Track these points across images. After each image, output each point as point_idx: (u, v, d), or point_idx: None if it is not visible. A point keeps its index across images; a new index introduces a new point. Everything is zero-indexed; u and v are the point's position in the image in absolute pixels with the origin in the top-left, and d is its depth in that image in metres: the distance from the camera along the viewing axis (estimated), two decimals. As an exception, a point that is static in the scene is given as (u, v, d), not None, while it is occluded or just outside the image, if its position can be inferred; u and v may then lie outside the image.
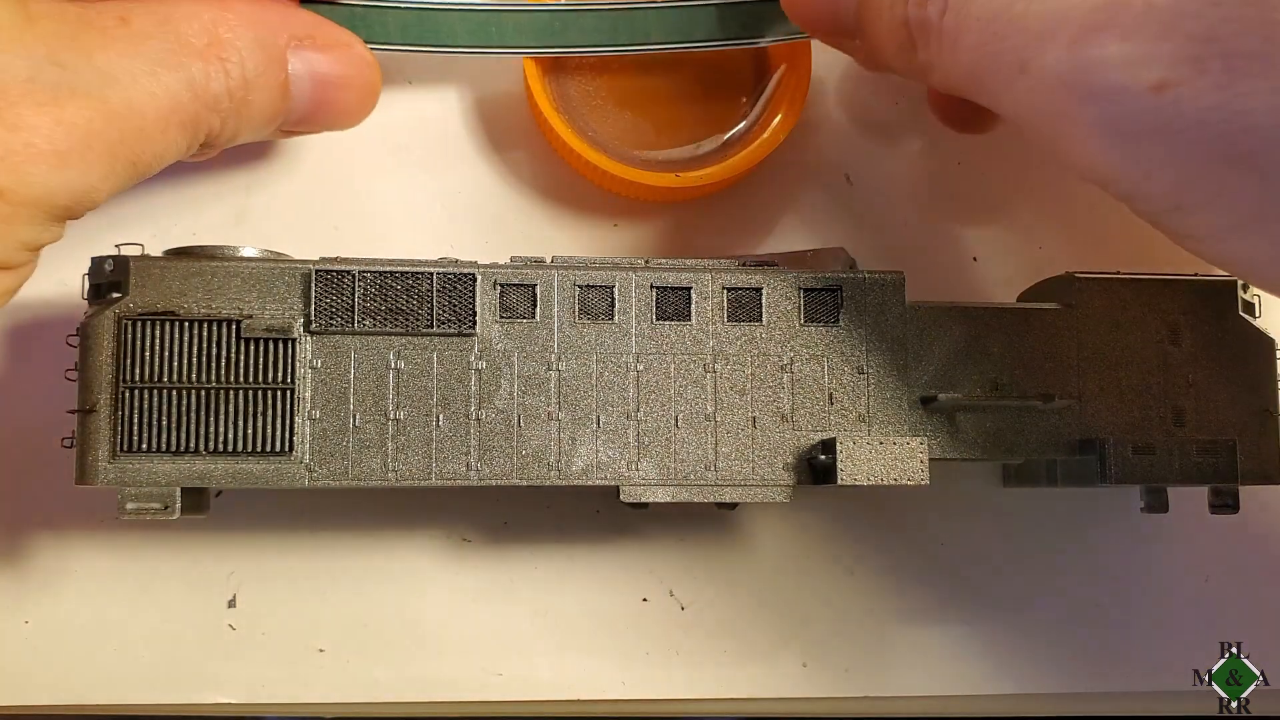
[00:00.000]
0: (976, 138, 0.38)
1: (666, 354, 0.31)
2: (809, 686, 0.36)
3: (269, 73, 0.28)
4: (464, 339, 0.30)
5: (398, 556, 0.35)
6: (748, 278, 0.31)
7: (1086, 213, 0.38)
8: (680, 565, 0.36)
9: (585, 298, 0.31)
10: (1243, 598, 0.37)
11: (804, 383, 0.31)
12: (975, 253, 0.38)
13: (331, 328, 0.30)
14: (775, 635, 0.36)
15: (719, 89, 0.36)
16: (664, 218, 0.37)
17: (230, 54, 0.27)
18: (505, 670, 0.35)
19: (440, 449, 0.30)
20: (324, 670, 0.35)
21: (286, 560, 0.35)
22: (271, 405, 0.29)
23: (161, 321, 0.29)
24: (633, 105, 0.36)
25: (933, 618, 0.36)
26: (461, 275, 0.30)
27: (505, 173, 0.37)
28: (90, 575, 0.34)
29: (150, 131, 0.26)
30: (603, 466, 0.30)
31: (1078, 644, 0.37)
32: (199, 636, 0.34)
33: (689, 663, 0.36)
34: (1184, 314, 0.33)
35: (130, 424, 0.29)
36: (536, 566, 0.35)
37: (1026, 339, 0.32)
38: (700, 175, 0.34)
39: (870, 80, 0.38)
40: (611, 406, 0.31)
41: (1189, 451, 0.31)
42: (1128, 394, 0.32)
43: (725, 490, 0.31)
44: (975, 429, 0.32)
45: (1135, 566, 0.37)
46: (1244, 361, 0.33)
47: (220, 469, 0.29)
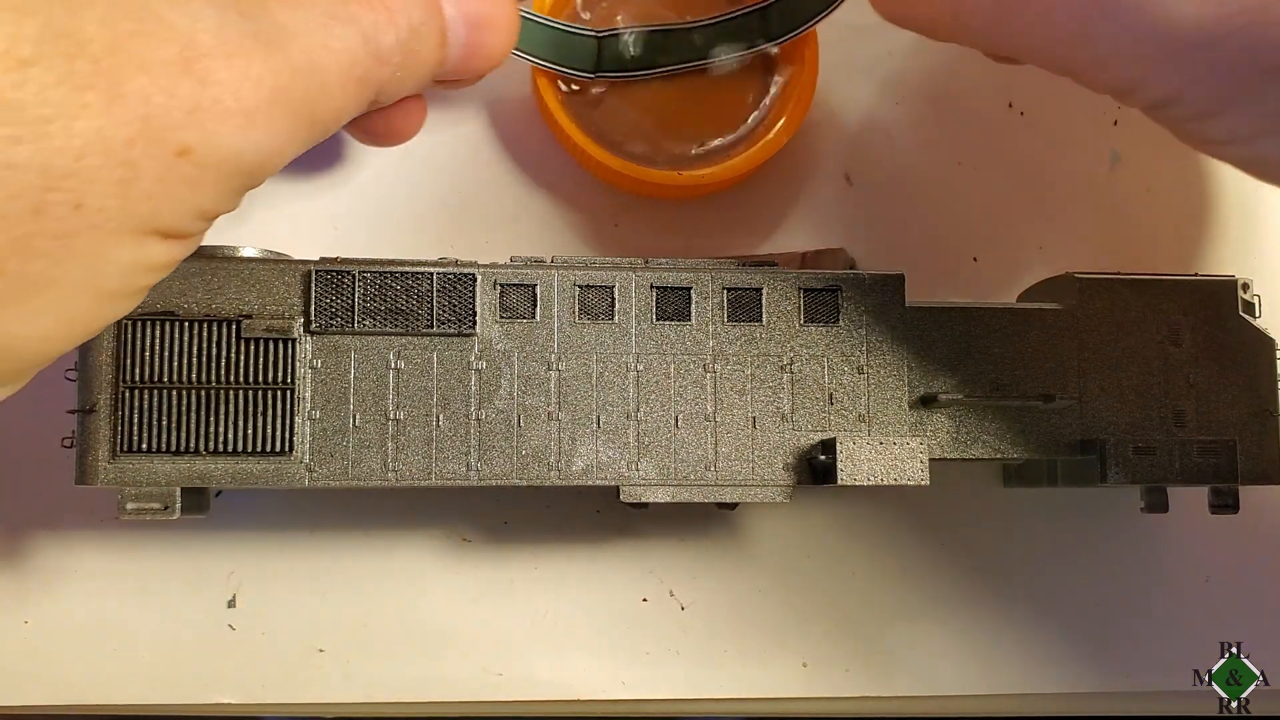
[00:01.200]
0: (976, 138, 0.38)
1: (666, 354, 0.31)
2: (809, 686, 0.36)
3: (430, 21, 0.26)
4: (464, 339, 0.30)
5: (398, 556, 0.35)
6: (748, 278, 0.31)
7: (1087, 213, 0.38)
8: (680, 565, 0.36)
9: (585, 298, 0.31)
10: (1243, 598, 0.37)
11: (804, 383, 0.31)
12: (975, 253, 0.38)
13: (331, 328, 0.30)
14: (775, 635, 0.36)
15: (725, 88, 0.36)
16: (664, 218, 0.37)
17: (396, 4, 0.25)
18: (505, 670, 0.35)
19: (440, 449, 0.30)
20: (324, 670, 0.35)
21: (286, 560, 0.35)
22: (271, 405, 0.29)
23: (161, 321, 0.29)
24: (638, 103, 0.36)
25: (933, 618, 0.36)
26: (461, 275, 0.30)
27: (506, 172, 0.37)
28: (90, 575, 0.34)
29: (331, 88, 0.24)
30: (603, 466, 0.30)
31: (1078, 644, 0.37)
32: (199, 636, 0.34)
33: (689, 663, 0.36)
34: (1184, 314, 0.33)
35: (130, 424, 0.29)
36: (536, 566, 0.35)
37: (1026, 339, 0.32)
38: (704, 174, 0.34)
39: (871, 80, 0.38)
40: (611, 406, 0.31)
41: (1189, 452, 0.31)
42: (1128, 394, 0.32)
43: (725, 490, 0.31)
44: (975, 429, 0.32)
45: (1135, 566, 0.37)
46: (1244, 362, 0.32)
47: (220, 469, 0.29)
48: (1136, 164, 0.39)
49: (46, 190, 0.19)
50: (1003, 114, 0.39)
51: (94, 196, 0.20)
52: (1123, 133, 0.39)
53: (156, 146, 0.20)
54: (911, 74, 0.38)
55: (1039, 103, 0.39)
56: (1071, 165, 0.38)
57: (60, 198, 0.19)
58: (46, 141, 0.19)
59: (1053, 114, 0.39)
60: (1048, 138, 0.39)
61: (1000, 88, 0.39)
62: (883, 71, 0.38)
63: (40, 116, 0.19)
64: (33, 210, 0.19)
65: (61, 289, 0.20)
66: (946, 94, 0.38)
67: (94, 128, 0.19)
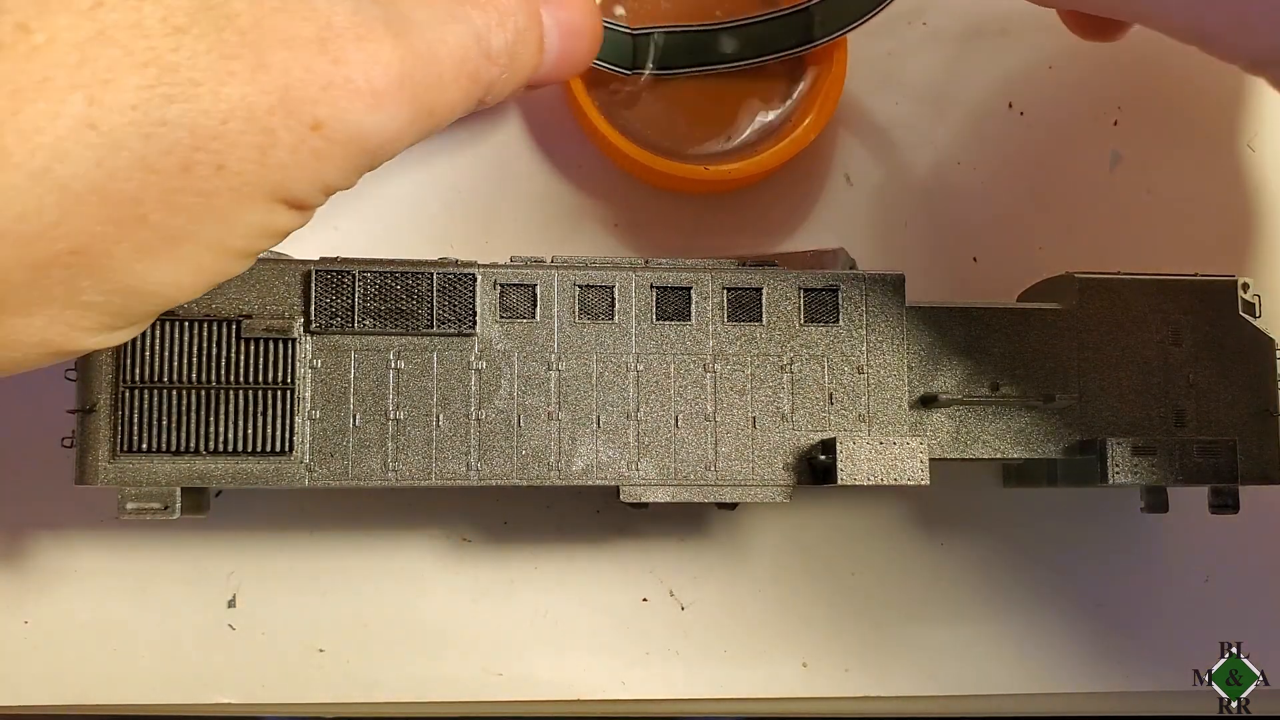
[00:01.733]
0: (976, 138, 0.38)
1: (666, 354, 0.31)
2: (809, 686, 0.36)
3: (533, 27, 0.27)
4: (464, 339, 0.30)
5: (398, 556, 0.35)
6: (748, 278, 0.31)
7: (1086, 213, 0.38)
8: (680, 565, 0.36)
9: (585, 298, 0.31)
10: (1243, 598, 0.37)
11: (804, 383, 0.31)
12: (975, 253, 0.38)
13: (331, 328, 0.30)
14: (775, 635, 0.36)
15: (752, 85, 0.36)
16: (664, 218, 0.37)
17: (506, 7, 0.26)
18: (505, 670, 0.35)
19: (440, 449, 0.30)
20: (324, 670, 0.35)
21: (286, 560, 0.35)
22: (271, 405, 0.29)
23: (161, 321, 0.29)
24: (668, 99, 0.36)
25: (933, 618, 0.36)
26: (461, 275, 0.30)
27: (506, 172, 0.37)
28: (90, 575, 0.34)
29: (447, 80, 0.25)
30: (603, 466, 0.30)
31: (1078, 644, 0.37)
32: (199, 636, 0.34)
33: (689, 663, 0.36)
34: (1184, 314, 0.33)
35: (130, 424, 0.29)
36: (536, 566, 0.35)
37: (1026, 339, 0.32)
38: (731, 169, 0.34)
39: (870, 80, 0.38)
40: (611, 406, 0.31)
41: (1189, 452, 0.31)
42: (1128, 394, 0.32)
43: (725, 490, 0.31)
44: (975, 429, 0.32)
45: (1135, 566, 0.37)
46: (1244, 361, 0.32)
47: (220, 469, 0.29)
48: (1136, 164, 0.39)
49: (194, 149, 0.20)
50: (1003, 114, 0.39)
51: (234, 160, 0.21)
52: (1123, 133, 0.39)
53: (293, 118, 0.21)
54: (911, 74, 0.38)
55: (1039, 103, 0.39)
56: (1071, 165, 0.38)
57: (205, 158, 0.20)
58: (196, 103, 0.20)
59: (1053, 114, 0.39)
60: (1048, 138, 0.39)
61: (1000, 88, 0.39)
62: (883, 71, 0.38)
63: (191, 79, 0.20)
64: (181, 167, 0.20)
65: (195, 244, 0.21)
66: (946, 94, 0.38)
67: (239, 94, 0.20)
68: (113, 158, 0.19)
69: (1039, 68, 0.39)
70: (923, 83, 0.38)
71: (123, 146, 0.19)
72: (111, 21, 0.19)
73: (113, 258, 0.20)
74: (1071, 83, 0.39)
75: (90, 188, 0.19)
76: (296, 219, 0.23)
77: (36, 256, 0.20)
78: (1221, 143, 0.39)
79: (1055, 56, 0.39)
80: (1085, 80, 0.39)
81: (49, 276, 0.20)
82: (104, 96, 0.19)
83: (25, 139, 0.19)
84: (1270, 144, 0.39)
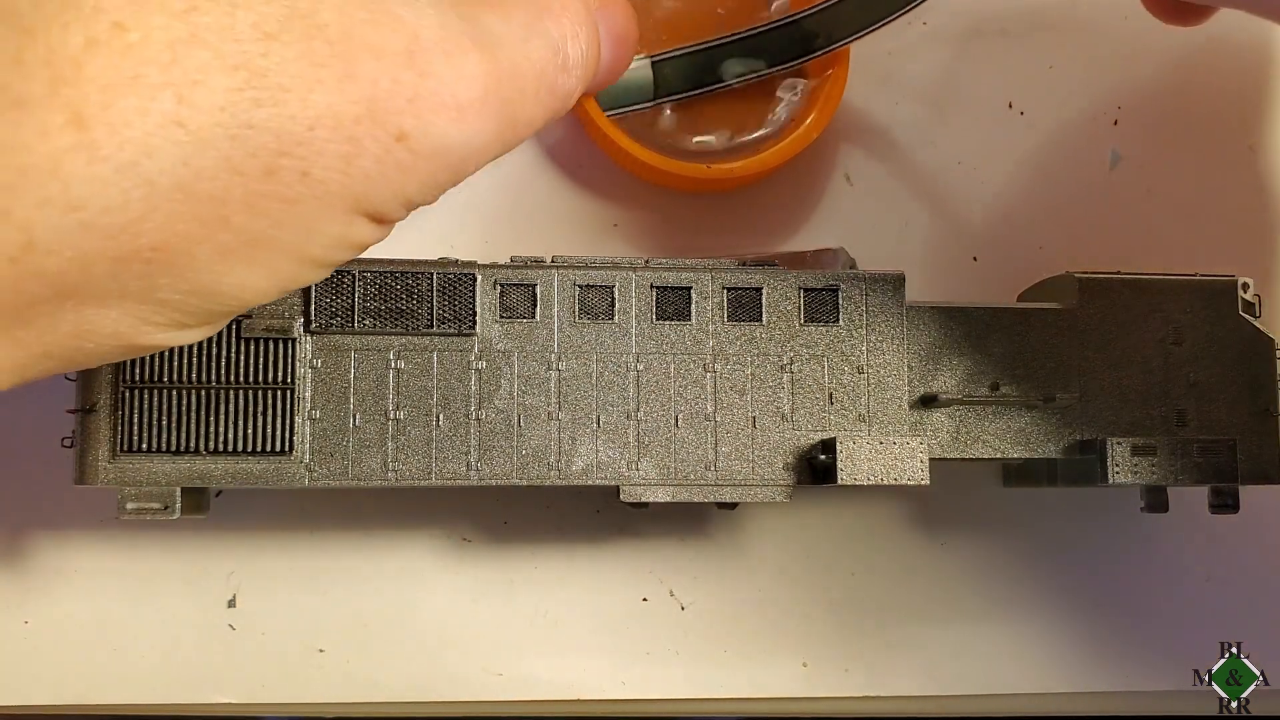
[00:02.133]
0: (976, 138, 0.38)
1: (666, 354, 0.31)
2: (809, 686, 0.36)
3: (593, 39, 0.27)
4: (464, 339, 0.30)
5: (398, 556, 0.35)
6: (748, 278, 0.31)
7: (1086, 213, 0.38)
8: (680, 565, 0.36)
9: (585, 298, 0.31)
10: (1243, 598, 0.37)
11: (804, 383, 0.31)
12: (975, 253, 0.38)
13: (331, 327, 0.30)
14: (775, 635, 0.36)
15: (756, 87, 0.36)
16: (664, 218, 0.37)
17: (579, 18, 0.27)
18: (505, 670, 0.35)
19: (440, 449, 0.30)
20: (324, 670, 0.35)
21: (286, 560, 0.35)
22: (271, 405, 0.29)
23: (161, 321, 0.29)
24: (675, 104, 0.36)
25: (933, 618, 0.36)
26: (461, 275, 0.30)
27: (505, 172, 0.37)
28: (90, 575, 0.34)
29: (529, 94, 0.25)
30: (603, 466, 0.30)
31: (1078, 644, 0.37)
32: (199, 636, 0.34)
33: (689, 663, 0.36)
34: (1184, 314, 0.33)
35: (130, 424, 0.29)
36: (536, 566, 0.35)
37: (1026, 339, 0.32)
38: (733, 167, 0.34)
39: (871, 80, 0.38)
40: (611, 406, 0.31)
41: (1189, 451, 0.31)
42: (1128, 394, 0.32)
43: (725, 490, 0.31)
44: (975, 429, 0.32)
45: (1135, 566, 0.37)
46: (1244, 361, 0.32)
47: (220, 469, 0.29)
48: (1136, 164, 0.39)
49: (280, 154, 0.20)
50: (1003, 114, 0.39)
51: (319, 168, 0.21)
52: (1123, 133, 0.39)
53: (379, 128, 0.21)
54: (911, 74, 0.38)
55: (1039, 103, 0.39)
56: (1071, 165, 0.38)
57: (290, 163, 0.20)
58: (284, 108, 0.20)
59: (1053, 114, 0.39)
60: (1048, 138, 0.39)
61: (1000, 88, 0.39)
62: (883, 71, 0.38)
63: (279, 85, 0.20)
64: (265, 171, 0.20)
65: (274, 250, 0.21)
66: (946, 94, 0.38)
67: (326, 102, 0.20)
68: (199, 157, 0.20)
69: (1039, 68, 0.39)
70: (923, 83, 0.38)
71: (209, 146, 0.20)
72: (204, 24, 0.19)
73: (193, 257, 0.20)
74: (1071, 83, 0.39)
75: (176, 185, 0.19)
76: (375, 232, 0.23)
77: (119, 250, 0.20)
78: (1222, 143, 0.39)
79: (1055, 56, 0.39)
80: (1085, 80, 0.39)
81: (129, 270, 0.20)
82: (193, 96, 0.19)
83: (114, 132, 0.19)
84: (1271, 144, 0.39)
